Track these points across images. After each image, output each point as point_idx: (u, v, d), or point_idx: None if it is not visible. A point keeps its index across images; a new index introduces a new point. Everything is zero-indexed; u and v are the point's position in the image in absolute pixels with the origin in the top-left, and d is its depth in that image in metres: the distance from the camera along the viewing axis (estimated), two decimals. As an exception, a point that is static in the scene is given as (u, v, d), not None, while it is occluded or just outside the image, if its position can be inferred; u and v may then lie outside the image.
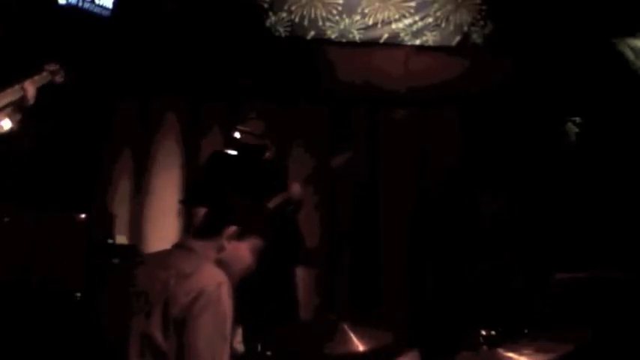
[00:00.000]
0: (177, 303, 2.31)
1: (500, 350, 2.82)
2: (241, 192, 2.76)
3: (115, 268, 4.69)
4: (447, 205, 6.02)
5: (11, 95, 3.93)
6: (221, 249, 2.51)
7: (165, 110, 6.19)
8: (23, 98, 3.93)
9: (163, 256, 2.58)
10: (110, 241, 5.10)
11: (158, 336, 2.31)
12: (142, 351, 2.33)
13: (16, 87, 3.95)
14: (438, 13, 6.17)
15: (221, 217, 2.56)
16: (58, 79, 4.19)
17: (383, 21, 6.17)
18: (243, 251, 2.56)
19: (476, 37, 6.18)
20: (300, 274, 5.47)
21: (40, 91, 4.03)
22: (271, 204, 4.87)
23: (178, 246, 2.57)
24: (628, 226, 5.38)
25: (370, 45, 6.21)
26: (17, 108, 3.94)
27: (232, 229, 2.52)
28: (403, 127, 6.24)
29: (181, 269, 2.39)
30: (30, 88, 3.95)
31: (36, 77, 4.06)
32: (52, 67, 4.16)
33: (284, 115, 6.10)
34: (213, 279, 2.37)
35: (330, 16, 6.15)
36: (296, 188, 5.01)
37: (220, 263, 2.48)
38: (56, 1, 5.38)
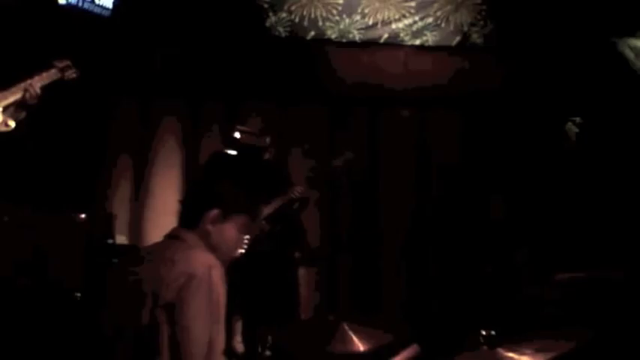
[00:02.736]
0: (169, 289, 2.31)
1: (500, 350, 2.81)
2: (240, 191, 2.76)
3: (115, 268, 4.68)
4: (447, 205, 6.02)
5: (16, 93, 3.87)
6: (207, 235, 2.52)
7: (165, 110, 6.20)
8: (27, 97, 3.87)
9: (156, 247, 2.59)
10: (110, 241, 5.09)
11: (151, 324, 2.31)
12: (138, 342, 2.32)
13: (22, 85, 3.88)
14: (438, 13, 6.17)
15: (201, 203, 2.57)
16: (70, 75, 4.07)
17: (383, 21, 6.18)
18: (228, 231, 2.56)
19: (476, 37, 6.18)
20: (301, 274, 5.48)
21: (47, 89, 3.96)
22: (274, 205, 4.89)
23: (170, 236, 2.58)
24: (628, 226, 5.37)
25: (370, 45, 6.22)
26: (22, 106, 3.88)
27: (214, 212, 2.53)
28: (403, 127, 6.24)
29: (170, 256, 2.40)
30: (35, 86, 3.88)
31: (44, 74, 3.97)
32: (62, 63, 4.06)
33: (284, 115, 6.11)
34: (202, 263, 2.38)
35: (330, 16, 6.16)
36: (300, 188, 5.04)
37: (210, 248, 2.49)
38: (56, 1, 5.38)
